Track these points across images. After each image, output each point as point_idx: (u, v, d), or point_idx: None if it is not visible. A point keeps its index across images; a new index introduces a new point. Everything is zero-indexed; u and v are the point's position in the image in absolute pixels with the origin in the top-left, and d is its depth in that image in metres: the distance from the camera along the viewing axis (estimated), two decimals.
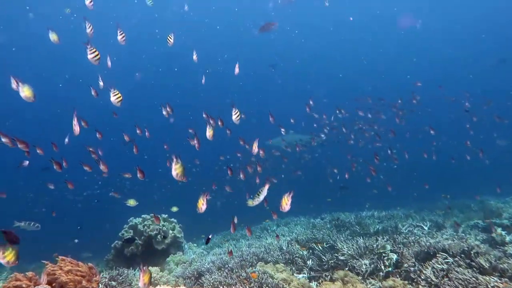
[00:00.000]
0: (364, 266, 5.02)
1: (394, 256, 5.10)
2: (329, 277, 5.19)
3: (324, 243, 6.47)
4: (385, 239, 5.66)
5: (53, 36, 4.59)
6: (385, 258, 5.13)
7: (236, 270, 5.14)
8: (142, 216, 7.55)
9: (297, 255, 5.98)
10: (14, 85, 3.58)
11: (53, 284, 3.14)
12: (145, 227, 7.24)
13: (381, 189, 11.22)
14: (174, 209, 7.20)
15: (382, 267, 4.95)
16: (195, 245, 8.16)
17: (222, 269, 5.36)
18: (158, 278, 4.85)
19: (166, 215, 7.66)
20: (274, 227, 10.11)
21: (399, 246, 5.49)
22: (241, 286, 4.72)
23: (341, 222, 8.78)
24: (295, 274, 5.34)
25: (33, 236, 5.91)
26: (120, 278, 5.47)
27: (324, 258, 5.70)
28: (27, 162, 5.48)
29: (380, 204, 10.56)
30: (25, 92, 3.50)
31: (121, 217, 7.95)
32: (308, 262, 5.70)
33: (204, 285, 4.93)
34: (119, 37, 4.77)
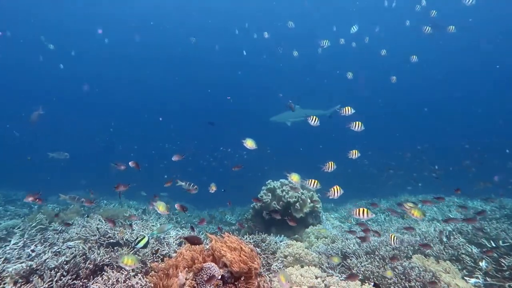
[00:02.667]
0: None
1: None
2: None
3: (500, 241, 5.22)
4: None
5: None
6: None
7: (389, 261, 4.52)
8: (280, 180, 7.49)
9: (463, 251, 4.96)
10: None
11: (217, 261, 3.14)
12: (284, 192, 7.16)
13: None
14: None
15: None
16: (332, 216, 7.81)
17: (371, 255, 4.81)
18: (303, 256, 4.64)
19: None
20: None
21: None
22: (398, 281, 4.12)
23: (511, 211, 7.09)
24: (465, 278, 4.41)
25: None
26: (264, 244, 5.51)
27: (505, 262, 4.55)
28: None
29: None
30: (248, 143, 4.76)
31: (257, 178, 8.07)
32: (480, 263, 4.65)
33: (353, 270, 4.51)
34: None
